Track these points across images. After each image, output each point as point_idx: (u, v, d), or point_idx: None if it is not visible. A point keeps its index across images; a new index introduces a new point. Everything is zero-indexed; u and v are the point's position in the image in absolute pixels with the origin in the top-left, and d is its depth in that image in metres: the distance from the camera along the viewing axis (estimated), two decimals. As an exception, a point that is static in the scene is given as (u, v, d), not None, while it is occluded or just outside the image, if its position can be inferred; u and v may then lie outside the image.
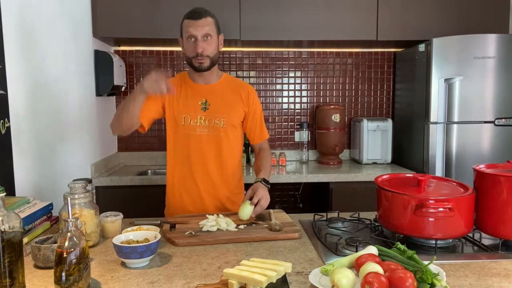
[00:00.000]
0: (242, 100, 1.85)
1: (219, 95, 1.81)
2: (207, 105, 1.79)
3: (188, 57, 1.76)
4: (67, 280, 0.99)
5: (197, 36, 1.71)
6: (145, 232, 1.30)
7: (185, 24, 1.74)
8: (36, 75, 1.89)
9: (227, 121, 1.80)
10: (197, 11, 1.73)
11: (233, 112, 1.82)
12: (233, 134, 1.84)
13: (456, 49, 2.62)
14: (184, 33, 1.75)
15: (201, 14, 1.72)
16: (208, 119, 1.79)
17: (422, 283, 0.98)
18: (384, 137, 3.04)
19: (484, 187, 1.35)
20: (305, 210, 3.10)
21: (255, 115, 1.89)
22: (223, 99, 1.82)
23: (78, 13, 2.45)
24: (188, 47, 1.74)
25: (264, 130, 1.94)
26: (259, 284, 1.00)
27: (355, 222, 1.60)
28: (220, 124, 1.79)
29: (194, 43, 1.72)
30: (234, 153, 1.86)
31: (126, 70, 3.06)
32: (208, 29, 1.72)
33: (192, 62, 1.75)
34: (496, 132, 2.64)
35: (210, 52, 1.74)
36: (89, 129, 2.55)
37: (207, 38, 1.72)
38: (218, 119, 1.79)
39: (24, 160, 1.75)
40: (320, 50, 3.23)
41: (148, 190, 2.56)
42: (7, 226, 1.01)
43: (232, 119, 1.82)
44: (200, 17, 1.71)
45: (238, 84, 1.90)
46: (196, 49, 1.71)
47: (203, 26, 1.71)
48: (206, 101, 1.80)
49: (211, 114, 1.79)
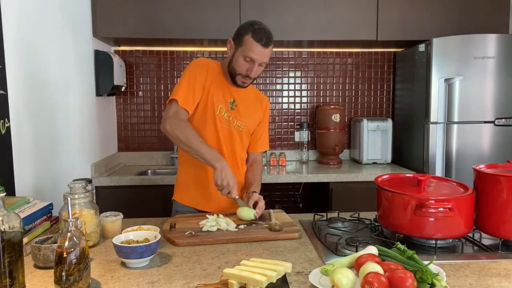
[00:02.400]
0: (262, 110, 1.89)
1: (245, 100, 1.83)
2: (234, 105, 1.79)
3: (235, 70, 1.71)
4: (67, 280, 0.99)
5: (256, 62, 1.67)
6: (145, 232, 1.30)
7: (250, 43, 1.65)
8: (36, 75, 1.89)
9: (246, 127, 1.82)
10: (265, 36, 1.65)
11: (253, 118, 1.85)
12: (247, 138, 1.87)
13: (456, 49, 2.62)
14: (242, 50, 1.67)
15: (269, 41, 1.66)
16: (231, 118, 1.79)
17: (422, 283, 0.98)
18: (384, 137, 3.04)
19: (484, 187, 1.35)
20: (305, 210, 3.10)
21: (263, 126, 1.92)
22: (248, 102, 1.84)
23: (78, 13, 2.45)
24: (241, 64, 1.69)
25: (266, 142, 1.95)
26: (259, 284, 1.00)
27: (355, 222, 1.60)
28: (240, 127, 1.81)
29: (249, 64, 1.68)
30: (245, 155, 1.90)
31: (126, 70, 3.06)
32: (268, 58, 1.70)
33: (236, 78, 1.72)
34: (496, 132, 2.64)
35: (257, 75, 1.74)
36: (89, 129, 2.55)
37: (263, 64, 1.71)
38: (239, 121, 1.80)
39: (24, 160, 1.75)
40: (320, 50, 3.23)
41: (148, 190, 2.56)
42: (7, 226, 1.01)
43: (250, 124, 1.84)
44: (268, 45, 1.66)
45: (259, 94, 1.93)
46: (249, 72, 1.69)
47: (265, 56, 1.67)
48: (234, 101, 1.80)
49: (235, 114, 1.79)
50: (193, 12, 2.69)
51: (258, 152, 1.93)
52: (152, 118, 3.15)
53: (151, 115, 3.15)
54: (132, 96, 3.13)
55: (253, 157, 1.93)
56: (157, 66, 3.12)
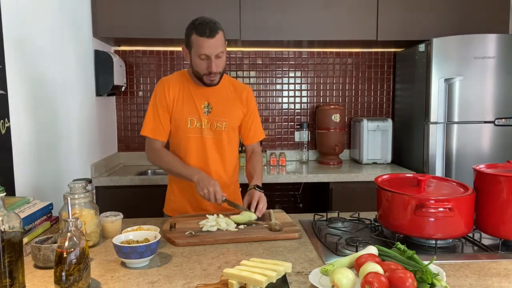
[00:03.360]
0: (242, 102, 1.84)
1: (220, 97, 1.80)
2: (209, 108, 1.78)
3: (198, 72, 1.70)
4: (67, 280, 0.99)
5: (210, 56, 1.64)
6: (145, 232, 1.30)
7: (196, 41, 1.64)
8: (36, 75, 1.89)
9: (228, 124, 1.80)
10: (208, 27, 1.62)
11: (233, 115, 1.82)
12: (234, 135, 1.85)
13: (456, 49, 2.62)
14: (194, 50, 1.66)
15: (213, 30, 1.62)
16: (210, 122, 1.78)
17: (422, 283, 0.98)
18: (384, 137, 3.04)
19: (484, 187, 1.35)
20: (305, 210, 3.10)
21: (251, 116, 1.88)
22: (224, 101, 1.81)
23: (78, 13, 2.45)
24: (199, 64, 1.67)
25: (259, 130, 1.92)
26: (259, 284, 1.00)
27: (355, 222, 1.60)
28: (222, 128, 1.79)
29: (206, 61, 1.66)
30: (234, 155, 1.88)
31: (126, 70, 3.06)
32: (221, 47, 1.65)
33: (203, 78, 1.70)
34: (496, 132, 2.64)
35: (221, 67, 1.70)
36: (89, 129, 2.55)
37: (220, 55, 1.67)
38: (220, 122, 1.79)
39: (24, 160, 1.75)
40: (320, 50, 3.23)
41: (148, 190, 2.56)
42: (7, 226, 1.01)
43: (232, 121, 1.82)
44: (213, 35, 1.61)
45: (238, 87, 1.87)
46: (210, 68, 1.66)
47: (217, 45, 1.63)
48: (209, 104, 1.78)
49: (213, 117, 1.78)
50: (193, 12, 2.66)
51: (253, 143, 1.92)
52: (152, 118, 3.15)
53: (151, 115, 3.15)
54: (132, 96, 3.13)
55: (250, 148, 1.93)
56: (157, 66, 3.12)
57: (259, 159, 1.90)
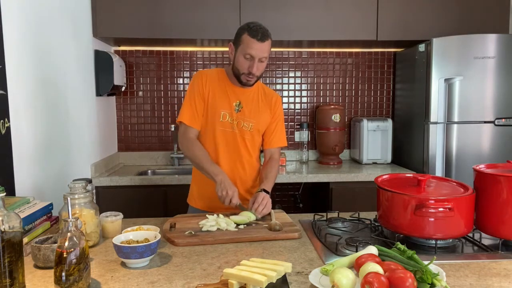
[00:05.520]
0: (270, 107, 1.91)
1: (251, 100, 1.87)
2: (240, 107, 1.84)
3: (238, 70, 1.77)
4: (67, 280, 0.99)
5: (255, 57, 1.72)
6: (145, 232, 1.30)
7: (246, 41, 1.72)
8: (36, 75, 1.89)
9: (254, 126, 1.86)
10: (261, 31, 1.72)
11: (261, 118, 1.88)
12: (258, 138, 1.91)
13: (456, 49, 2.62)
14: (241, 49, 1.74)
15: (264, 35, 1.72)
16: (237, 121, 1.83)
17: (422, 283, 0.98)
18: (384, 137, 3.04)
19: (484, 187, 1.35)
20: (305, 210, 3.10)
21: (275, 121, 1.93)
22: (255, 103, 1.87)
23: (78, 13, 2.45)
24: (242, 63, 1.75)
25: (282, 137, 1.96)
26: (259, 284, 1.00)
27: (355, 222, 1.60)
28: (248, 128, 1.85)
29: (250, 61, 1.73)
30: (252, 157, 1.91)
31: (126, 70, 3.06)
32: (266, 53, 1.74)
33: (241, 77, 1.78)
34: (496, 132, 2.64)
35: (261, 71, 1.78)
36: (89, 129, 2.55)
37: (263, 60, 1.75)
38: (247, 122, 1.84)
39: (24, 160, 1.75)
40: (320, 50, 3.23)
41: (148, 190, 2.56)
42: (7, 226, 1.01)
43: (259, 124, 1.87)
44: (263, 40, 1.71)
45: (267, 91, 1.95)
46: (251, 68, 1.73)
47: (263, 50, 1.72)
48: (240, 103, 1.84)
49: (241, 116, 1.84)
50: (193, 12, 2.69)
51: (273, 148, 1.95)
52: (152, 118, 3.15)
53: (151, 115, 3.15)
54: (132, 96, 3.13)
55: (270, 153, 1.96)
56: (157, 66, 3.12)
57: (275, 166, 1.92)
